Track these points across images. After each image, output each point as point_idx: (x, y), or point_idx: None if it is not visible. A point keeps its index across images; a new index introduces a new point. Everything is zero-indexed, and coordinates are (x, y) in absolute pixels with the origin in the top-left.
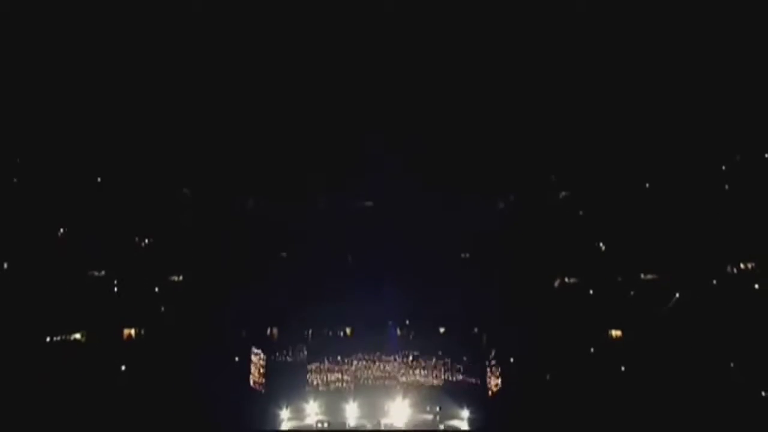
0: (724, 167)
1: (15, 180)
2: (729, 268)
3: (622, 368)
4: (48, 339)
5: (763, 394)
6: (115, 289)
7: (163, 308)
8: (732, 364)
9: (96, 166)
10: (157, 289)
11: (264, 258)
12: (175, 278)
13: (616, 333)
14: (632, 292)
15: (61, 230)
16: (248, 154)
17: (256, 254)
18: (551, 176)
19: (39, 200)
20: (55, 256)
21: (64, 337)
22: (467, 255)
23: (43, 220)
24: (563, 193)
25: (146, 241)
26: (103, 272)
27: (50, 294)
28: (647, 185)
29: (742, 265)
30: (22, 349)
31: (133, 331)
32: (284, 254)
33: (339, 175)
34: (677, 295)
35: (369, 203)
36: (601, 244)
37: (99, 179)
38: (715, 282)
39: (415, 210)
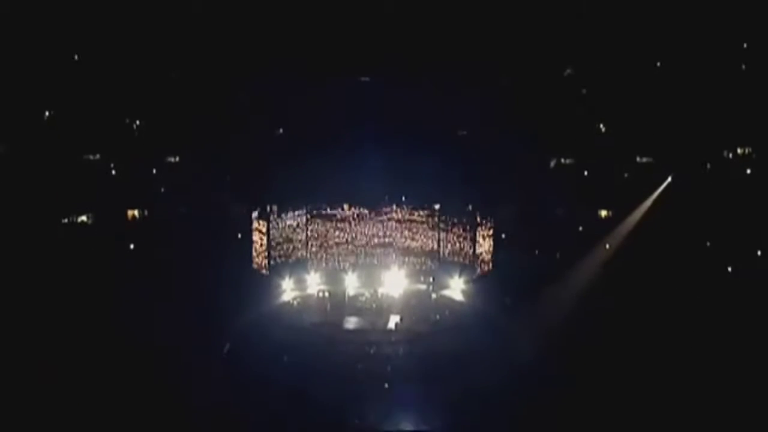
0: (731, 50)
1: None
2: (725, 153)
3: (607, 246)
4: (56, 222)
5: (729, 269)
6: (113, 171)
7: (162, 189)
8: (708, 243)
9: (81, 44)
10: (154, 171)
11: (260, 135)
12: (172, 159)
13: (605, 213)
14: (626, 175)
15: (48, 112)
16: (242, 29)
17: (252, 132)
18: (556, 52)
19: (20, 80)
20: (43, 138)
21: (71, 219)
22: (465, 132)
23: (27, 101)
24: (567, 71)
25: (138, 122)
26: (98, 156)
27: (48, 177)
28: (656, 65)
29: (739, 150)
30: (32, 231)
31: (136, 212)
32: (281, 131)
33: (334, 50)
34: (669, 178)
35: (365, 78)
36: (601, 125)
37: (84, 58)
38: (709, 166)
39: (414, 86)
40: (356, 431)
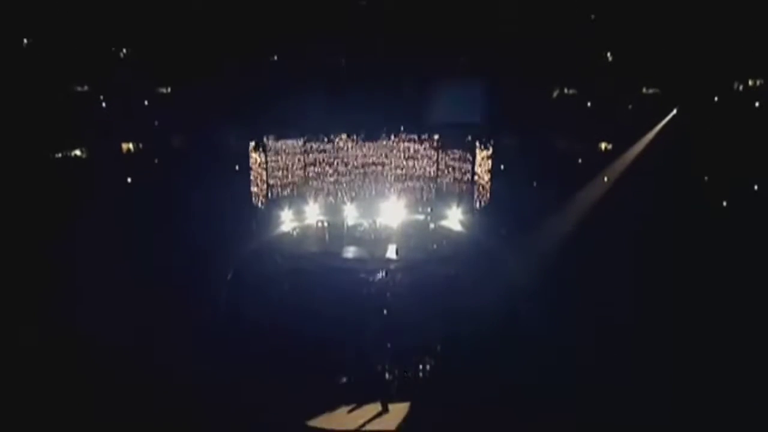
0: None
1: None
2: (736, 85)
3: (605, 179)
4: (49, 157)
5: (724, 204)
6: (104, 104)
7: (156, 122)
8: (705, 178)
9: None
10: (146, 103)
11: (255, 63)
12: (164, 90)
13: (605, 146)
14: (630, 106)
15: (26, 40)
16: None
17: (246, 60)
18: None
19: None
20: (24, 68)
21: (65, 154)
22: (466, 60)
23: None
24: None
25: (125, 51)
26: (86, 87)
27: (37, 110)
28: None
29: (750, 82)
30: (25, 165)
31: (131, 146)
32: (275, 57)
33: None
34: (675, 110)
35: (363, 2)
36: (608, 54)
37: None
38: (716, 99)
39: (413, 10)
40: (356, 350)
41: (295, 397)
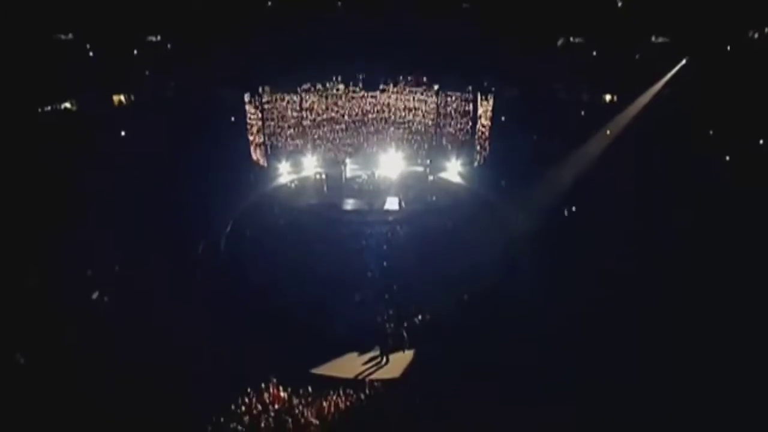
0: None
1: None
2: (751, 33)
3: (608, 132)
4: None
5: (727, 158)
6: (91, 53)
7: (147, 72)
8: (711, 132)
9: None
10: (135, 52)
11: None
12: (153, 38)
13: (609, 98)
14: (638, 56)
15: None
16: None
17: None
18: None
19: None
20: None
21: (54, 107)
22: (468, 5)
23: None
24: None
25: None
26: (70, 35)
27: (18, 59)
28: None
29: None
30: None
31: (122, 98)
32: (270, 3)
33: None
34: (684, 60)
35: None
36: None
37: None
38: (729, 48)
39: None
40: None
41: (296, 348)
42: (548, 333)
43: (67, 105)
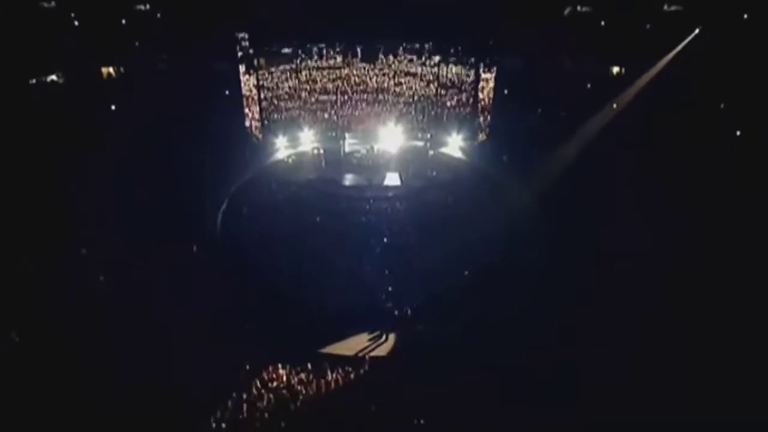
0: None
1: None
2: None
3: (614, 105)
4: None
5: (738, 133)
6: (76, 22)
7: (137, 43)
8: (722, 105)
9: None
10: (124, 22)
11: None
12: (142, 7)
13: (617, 70)
14: (648, 26)
15: None
16: None
17: None
18: None
19: None
20: None
21: (39, 79)
22: None
23: None
24: None
25: None
26: (53, 3)
27: None
28: None
29: None
30: None
31: (112, 70)
32: None
33: None
34: (696, 30)
35: None
36: None
37: None
38: (745, 16)
39: None
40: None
41: (295, 325)
42: (547, 311)
43: (54, 77)
